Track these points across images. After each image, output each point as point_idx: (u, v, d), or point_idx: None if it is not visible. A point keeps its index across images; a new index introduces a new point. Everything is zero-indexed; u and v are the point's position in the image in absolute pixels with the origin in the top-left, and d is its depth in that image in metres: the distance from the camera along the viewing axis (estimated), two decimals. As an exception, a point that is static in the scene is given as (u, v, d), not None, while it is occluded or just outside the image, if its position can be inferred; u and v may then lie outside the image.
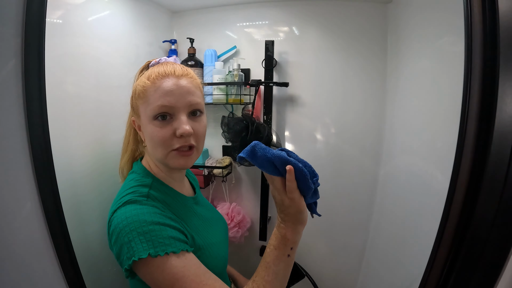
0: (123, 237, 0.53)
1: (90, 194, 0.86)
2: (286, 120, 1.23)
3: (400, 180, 1.02)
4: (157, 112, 0.59)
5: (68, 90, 0.81)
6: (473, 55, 0.47)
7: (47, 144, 0.56)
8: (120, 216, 0.55)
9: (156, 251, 0.52)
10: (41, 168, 0.55)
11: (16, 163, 0.51)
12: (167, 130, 0.60)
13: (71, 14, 0.81)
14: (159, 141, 0.60)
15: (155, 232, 0.53)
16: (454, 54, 0.75)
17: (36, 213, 0.54)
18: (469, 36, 0.48)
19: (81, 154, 0.84)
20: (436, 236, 0.57)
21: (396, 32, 1.07)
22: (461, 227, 0.52)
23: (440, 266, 0.55)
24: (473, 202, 0.50)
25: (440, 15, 0.82)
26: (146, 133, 0.63)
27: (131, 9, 1.06)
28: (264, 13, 1.21)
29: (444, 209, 0.54)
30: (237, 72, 1.12)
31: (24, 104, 0.52)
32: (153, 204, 0.59)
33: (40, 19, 0.53)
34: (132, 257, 0.51)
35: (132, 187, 0.62)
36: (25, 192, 0.53)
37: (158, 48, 1.23)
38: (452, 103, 0.74)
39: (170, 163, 0.62)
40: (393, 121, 1.10)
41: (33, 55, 0.53)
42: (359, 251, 1.24)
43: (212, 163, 1.22)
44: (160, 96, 0.59)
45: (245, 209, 1.29)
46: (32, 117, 0.53)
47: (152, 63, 0.68)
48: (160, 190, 0.65)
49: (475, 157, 0.51)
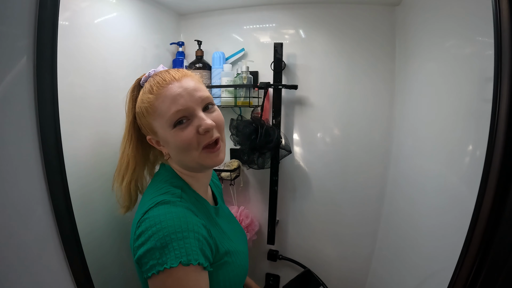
0: (155, 240, 0.50)
1: (98, 197, 0.84)
2: (294, 122, 1.22)
3: (409, 183, 1.02)
4: (174, 120, 0.59)
5: (75, 91, 0.80)
6: (503, 55, 0.46)
7: (58, 145, 0.55)
8: (154, 218, 0.53)
9: (189, 259, 0.50)
10: (53, 170, 0.54)
11: (27, 163, 0.50)
12: (190, 131, 0.59)
13: (78, 16, 0.80)
14: (186, 145, 0.59)
15: (190, 240, 0.51)
16: (462, 57, 0.75)
17: (47, 214, 0.53)
18: (498, 36, 0.47)
19: (88, 155, 0.82)
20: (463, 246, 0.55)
21: (404, 34, 1.07)
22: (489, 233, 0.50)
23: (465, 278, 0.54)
24: (502, 206, 0.49)
25: (447, 18, 0.82)
26: (169, 144, 0.62)
27: (138, 11, 1.05)
28: (271, 16, 1.21)
29: (472, 218, 0.53)
30: (246, 74, 1.12)
31: (35, 104, 0.51)
32: (187, 206, 0.57)
33: (53, 18, 0.53)
34: (164, 264, 0.49)
35: (163, 187, 0.61)
36: (36, 193, 0.52)
37: (165, 51, 1.22)
38: (461, 105, 0.74)
39: (203, 163, 0.62)
40: (402, 124, 1.09)
41: (46, 54, 0.52)
42: (367, 255, 1.23)
43: (220, 166, 1.21)
44: (170, 103, 0.59)
45: (253, 213, 1.28)
46: (44, 118, 0.52)
47: (143, 79, 0.67)
48: (189, 193, 0.64)
49: (503, 163, 0.49)
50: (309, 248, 1.28)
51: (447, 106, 0.81)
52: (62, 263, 0.57)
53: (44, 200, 0.53)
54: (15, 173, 0.49)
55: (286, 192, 1.27)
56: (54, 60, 0.54)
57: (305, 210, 1.26)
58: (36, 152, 0.52)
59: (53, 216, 0.54)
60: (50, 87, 0.53)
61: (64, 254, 0.56)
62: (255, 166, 1.12)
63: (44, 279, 0.54)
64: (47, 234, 0.54)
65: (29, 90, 0.50)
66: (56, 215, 0.55)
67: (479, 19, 0.62)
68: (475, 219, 0.52)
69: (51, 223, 0.54)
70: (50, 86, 0.53)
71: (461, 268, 0.54)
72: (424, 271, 0.83)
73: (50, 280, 0.55)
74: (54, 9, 0.53)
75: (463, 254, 0.54)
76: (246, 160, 1.11)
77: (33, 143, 0.51)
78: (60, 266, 0.56)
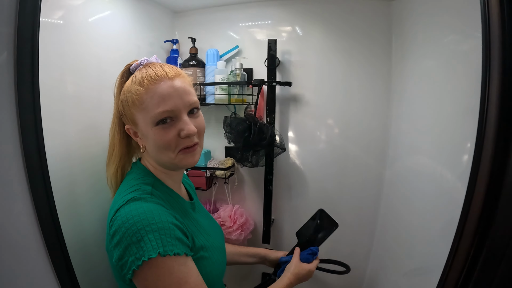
0: (129, 236, 0.51)
1: (87, 194, 0.84)
2: (289, 120, 1.21)
3: (406, 180, 1.00)
4: (159, 118, 0.59)
5: (68, 89, 0.79)
6: (492, 51, 0.45)
7: (39, 141, 0.54)
8: (125, 215, 0.53)
9: (165, 250, 0.50)
10: (34, 167, 0.53)
11: (7, 161, 0.50)
12: (171, 133, 0.60)
13: (72, 15, 0.80)
14: (165, 145, 0.60)
15: (164, 230, 0.52)
16: (460, 53, 0.74)
17: (28, 213, 0.53)
18: (487, 31, 0.45)
19: (79, 154, 0.82)
20: (452, 243, 0.54)
21: (401, 30, 1.05)
22: (480, 233, 0.49)
23: (457, 273, 0.53)
24: (493, 207, 0.47)
25: (444, 13, 0.80)
26: (148, 139, 0.62)
27: (132, 9, 1.05)
28: (267, 12, 1.19)
29: (462, 214, 0.52)
30: (239, 71, 1.11)
31: (16, 99, 0.51)
32: (158, 202, 0.57)
33: (34, 10, 0.52)
34: (142, 257, 0.49)
35: (134, 185, 0.61)
36: (16, 191, 0.51)
37: (160, 48, 1.22)
38: (459, 102, 0.72)
39: (179, 164, 0.63)
40: (399, 121, 1.07)
41: (27, 48, 0.51)
42: (365, 254, 1.21)
43: (215, 164, 1.21)
44: (159, 101, 0.59)
45: (248, 211, 1.27)
46: (25, 114, 0.52)
47: (133, 66, 0.67)
48: (161, 190, 0.64)
49: (494, 160, 0.48)
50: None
51: (444, 103, 0.80)
52: (46, 266, 0.56)
53: (25, 197, 0.53)
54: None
55: (281, 190, 1.26)
56: (35, 56, 0.53)
57: (301, 209, 1.24)
58: (16, 148, 0.51)
59: (35, 214, 0.54)
60: (30, 83, 0.53)
61: (48, 257, 0.56)
62: (249, 164, 1.11)
63: (27, 282, 0.53)
64: (29, 233, 0.53)
65: (9, 88, 0.50)
66: (38, 214, 0.54)
67: (477, 14, 0.60)
68: (464, 217, 0.51)
69: (33, 222, 0.54)
70: (30, 82, 0.53)
71: (450, 268, 0.52)
72: (422, 270, 0.82)
73: (33, 281, 0.54)
74: (35, 3, 0.53)
75: (452, 253, 0.52)
76: (240, 158, 1.10)
77: (13, 140, 0.51)
78: (44, 269, 0.56)
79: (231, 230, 1.17)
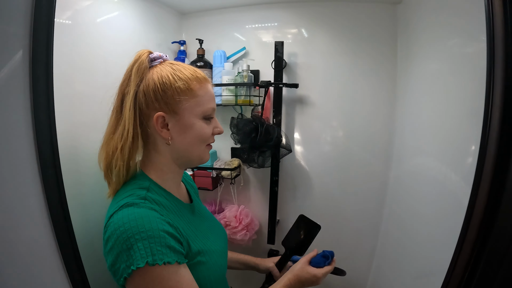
0: (120, 244, 0.51)
1: (95, 194, 0.84)
2: (295, 121, 1.22)
3: (411, 182, 1.01)
4: (208, 114, 0.66)
5: (76, 88, 0.80)
6: (496, 53, 0.46)
7: (53, 142, 0.55)
8: (117, 221, 0.53)
9: (154, 259, 0.50)
10: (47, 166, 0.54)
11: (21, 160, 0.51)
12: (210, 128, 0.68)
13: (80, 15, 0.81)
14: (205, 138, 0.67)
15: (154, 238, 0.52)
16: (465, 56, 0.74)
17: (41, 212, 0.54)
18: (491, 33, 0.46)
19: (87, 153, 0.82)
20: (456, 246, 0.55)
21: (406, 33, 1.06)
22: (482, 236, 0.50)
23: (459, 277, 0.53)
24: (494, 210, 0.48)
25: (450, 16, 0.81)
26: (191, 130, 0.64)
27: (140, 10, 1.06)
28: (273, 15, 1.21)
29: (465, 218, 0.52)
30: (246, 73, 1.12)
31: (31, 99, 0.51)
32: (151, 207, 0.57)
33: (49, 12, 0.53)
34: (131, 266, 0.50)
35: (130, 190, 0.61)
36: (30, 190, 0.52)
37: (167, 49, 1.23)
38: (463, 105, 0.73)
39: (204, 157, 0.70)
40: (404, 123, 1.08)
41: (41, 48, 0.52)
42: (368, 255, 1.22)
43: (221, 165, 1.21)
44: (210, 99, 0.67)
45: (254, 212, 1.28)
46: (39, 114, 0.52)
47: (156, 56, 0.64)
48: (157, 192, 0.63)
49: (496, 162, 0.49)
50: (310, 247, 1.26)
51: (449, 106, 0.80)
52: (58, 264, 0.57)
53: (39, 196, 0.53)
54: (11, 170, 0.49)
55: (287, 191, 1.26)
56: (49, 55, 0.54)
57: (306, 210, 1.24)
58: (31, 147, 0.52)
59: (48, 213, 0.55)
60: (45, 82, 0.54)
61: (60, 255, 0.57)
62: (255, 165, 1.11)
63: (39, 280, 0.54)
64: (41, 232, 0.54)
65: (24, 85, 0.51)
66: (50, 212, 0.55)
67: (482, 17, 0.61)
68: (468, 220, 0.52)
69: (45, 221, 0.54)
70: (45, 81, 0.54)
71: (453, 272, 0.53)
72: (426, 270, 0.82)
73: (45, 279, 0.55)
74: (50, 5, 0.54)
75: (455, 257, 0.53)
76: (246, 158, 1.11)
77: (28, 140, 0.52)
78: (56, 266, 0.57)
79: (237, 230, 1.17)
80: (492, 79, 0.51)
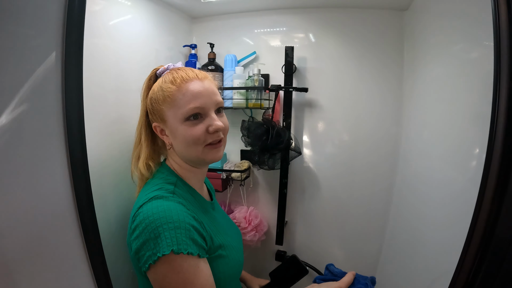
0: (148, 232, 0.54)
1: (110, 195, 0.86)
2: (304, 125, 1.24)
3: (417, 185, 1.03)
4: (189, 114, 0.64)
5: (92, 91, 0.81)
6: (501, 57, 0.47)
7: (83, 143, 0.57)
8: (147, 212, 0.56)
9: (179, 248, 0.53)
10: (77, 169, 0.55)
11: (53, 160, 0.52)
12: (200, 128, 0.64)
13: (93, 18, 0.82)
14: (194, 139, 0.64)
15: (180, 230, 0.54)
16: (470, 61, 0.76)
17: (71, 210, 0.55)
18: (497, 37, 0.48)
19: (100, 155, 0.83)
20: (462, 249, 0.57)
21: (412, 38, 1.09)
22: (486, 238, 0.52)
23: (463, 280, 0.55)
24: (497, 213, 0.50)
25: (455, 21, 0.83)
26: (177, 134, 0.66)
27: (152, 14, 1.08)
28: (281, 19, 1.23)
29: (472, 220, 0.54)
30: (257, 77, 1.14)
31: (63, 102, 0.53)
32: (179, 201, 0.60)
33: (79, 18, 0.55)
34: (157, 253, 0.52)
35: (158, 184, 0.65)
36: (62, 192, 0.53)
37: (178, 53, 1.24)
38: (469, 109, 0.74)
39: (206, 158, 0.67)
40: (410, 127, 1.11)
41: (74, 49, 0.55)
42: (374, 257, 1.24)
43: (230, 167, 1.23)
44: (191, 99, 0.64)
45: (262, 213, 1.29)
46: (70, 111, 0.54)
47: (160, 70, 0.71)
48: (183, 189, 0.67)
49: (502, 166, 0.50)
50: (317, 248, 1.29)
51: (454, 110, 0.82)
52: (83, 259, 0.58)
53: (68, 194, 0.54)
54: (44, 168, 0.50)
55: (295, 193, 1.28)
56: (80, 56, 0.56)
57: (314, 211, 1.27)
58: (62, 148, 0.53)
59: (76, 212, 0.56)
60: (76, 81, 0.55)
61: (86, 251, 0.58)
62: (265, 167, 1.13)
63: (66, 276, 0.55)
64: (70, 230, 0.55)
65: (57, 84, 0.52)
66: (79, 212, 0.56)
67: (487, 23, 0.63)
68: (474, 223, 0.53)
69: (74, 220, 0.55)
70: (76, 80, 0.55)
71: (460, 271, 0.55)
72: (431, 271, 0.83)
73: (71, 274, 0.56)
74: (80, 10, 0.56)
75: (461, 260, 0.55)
76: (257, 160, 1.13)
77: (59, 140, 0.53)
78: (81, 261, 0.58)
79: (246, 231, 1.19)
80: (498, 82, 0.52)
